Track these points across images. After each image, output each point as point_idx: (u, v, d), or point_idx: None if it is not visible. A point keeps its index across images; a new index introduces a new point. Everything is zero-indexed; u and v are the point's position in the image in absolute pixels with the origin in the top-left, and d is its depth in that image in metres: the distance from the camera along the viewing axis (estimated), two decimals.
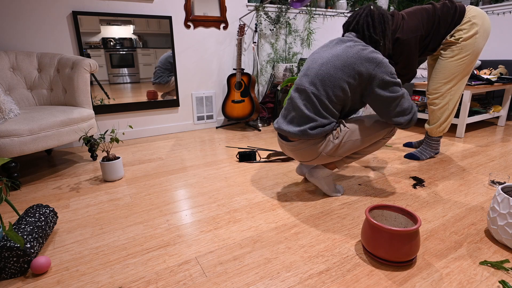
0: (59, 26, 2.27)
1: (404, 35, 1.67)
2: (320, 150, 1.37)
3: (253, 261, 1.04)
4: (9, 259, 0.97)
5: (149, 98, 2.72)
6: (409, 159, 2.03)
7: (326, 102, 1.32)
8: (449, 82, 1.81)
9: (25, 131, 1.60)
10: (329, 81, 1.30)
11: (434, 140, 2.00)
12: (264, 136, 2.72)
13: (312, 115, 1.33)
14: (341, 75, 1.29)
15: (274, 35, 3.19)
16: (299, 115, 1.36)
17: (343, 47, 1.33)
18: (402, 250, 0.96)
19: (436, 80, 1.84)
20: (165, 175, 1.84)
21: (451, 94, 1.83)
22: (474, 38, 1.70)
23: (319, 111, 1.33)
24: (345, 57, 1.29)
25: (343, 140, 1.37)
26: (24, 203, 1.52)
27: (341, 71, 1.29)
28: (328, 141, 1.36)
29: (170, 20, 2.63)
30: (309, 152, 1.38)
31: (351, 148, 1.38)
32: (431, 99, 1.89)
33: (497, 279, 0.94)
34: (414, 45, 1.70)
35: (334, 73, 1.30)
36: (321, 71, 1.32)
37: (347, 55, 1.29)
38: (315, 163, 1.45)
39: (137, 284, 0.95)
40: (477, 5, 3.52)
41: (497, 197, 1.09)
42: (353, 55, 1.28)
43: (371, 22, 1.35)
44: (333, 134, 1.37)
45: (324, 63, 1.33)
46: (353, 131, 1.37)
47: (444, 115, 1.89)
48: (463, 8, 1.70)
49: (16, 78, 2.04)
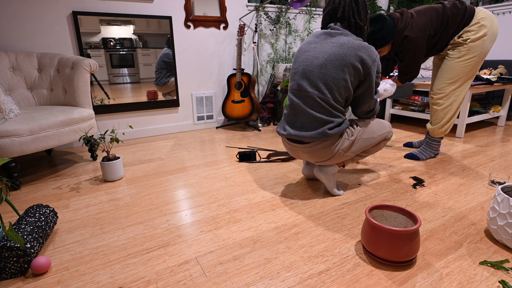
0: (59, 26, 2.27)
1: (412, 33, 1.68)
2: (337, 149, 1.40)
3: (253, 261, 1.04)
4: (9, 259, 0.97)
5: (149, 98, 2.72)
6: (409, 159, 2.03)
7: (334, 103, 1.34)
8: (454, 82, 1.81)
9: (25, 131, 1.60)
10: (333, 83, 1.31)
11: (435, 140, 2.00)
12: (264, 136, 2.72)
13: (326, 117, 1.35)
14: (342, 75, 1.30)
15: (274, 35, 3.19)
16: (311, 120, 1.36)
17: (337, 44, 1.32)
18: (402, 250, 0.96)
19: (442, 80, 1.84)
20: (165, 175, 1.84)
21: (455, 95, 1.83)
22: (482, 40, 1.70)
23: (331, 112, 1.35)
24: (343, 55, 1.29)
25: (357, 138, 1.43)
26: (24, 203, 1.52)
27: (342, 71, 1.30)
28: (344, 139, 1.40)
29: (170, 20, 2.63)
30: (326, 152, 1.40)
31: (362, 146, 1.46)
32: (435, 99, 1.89)
33: (497, 279, 0.94)
34: (422, 43, 1.70)
35: (336, 74, 1.30)
36: (322, 74, 1.32)
37: (345, 52, 1.29)
38: (330, 163, 1.47)
39: (137, 284, 0.95)
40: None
41: (497, 197, 1.09)
42: (350, 52, 1.29)
43: (356, 7, 1.34)
44: (348, 133, 1.41)
45: (323, 65, 1.32)
46: (364, 130, 1.45)
47: (447, 116, 1.88)
48: (472, 9, 1.71)
49: (16, 78, 2.04)
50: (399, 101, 2.99)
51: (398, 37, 1.72)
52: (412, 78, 1.83)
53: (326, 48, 1.33)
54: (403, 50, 1.74)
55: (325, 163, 1.47)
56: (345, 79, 1.30)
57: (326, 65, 1.31)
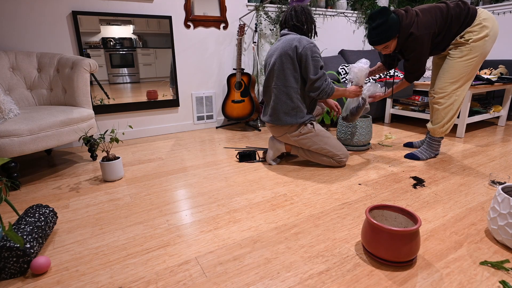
0: (59, 26, 2.26)
1: (418, 31, 1.68)
2: (286, 132, 1.86)
3: (253, 261, 1.04)
4: (9, 259, 0.96)
5: (149, 98, 2.72)
6: (409, 159, 2.03)
7: (290, 91, 1.77)
8: (455, 82, 1.81)
9: (24, 131, 1.60)
10: (281, 73, 1.75)
11: (435, 140, 1.99)
12: (264, 136, 2.72)
13: (286, 105, 1.81)
14: (286, 65, 1.73)
15: (274, 35, 3.19)
16: (274, 106, 1.85)
17: (282, 41, 1.77)
18: (402, 250, 0.96)
19: (443, 79, 1.84)
20: (165, 175, 1.84)
21: (456, 95, 1.83)
22: (484, 40, 1.71)
23: (291, 98, 1.78)
24: (283, 48, 1.73)
25: (307, 136, 1.82)
26: (24, 203, 1.52)
27: (285, 61, 1.73)
28: (296, 128, 1.83)
29: (170, 20, 2.63)
30: (279, 130, 1.88)
31: (307, 144, 1.84)
32: (437, 98, 1.88)
33: (497, 279, 0.94)
34: (427, 41, 1.71)
35: (280, 65, 1.74)
36: (276, 68, 1.77)
37: (284, 46, 1.74)
38: (281, 140, 1.93)
39: (137, 284, 0.95)
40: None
41: (497, 197, 1.09)
42: (286, 44, 1.73)
43: (294, 14, 1.79)
44: (303, 127, 1.82)
45: (274, 62, 1.78)
46: (318, 136, 1.83)
47: (448, 115, 1.88)
48: (475, 10, 1.71)
49: (16, 78, 2.04)
50: (399, 101, 2.99)
51: (403, 34, 1.72)
52: (418, 77, 1.83)
53: (278, 47, 1.77)
54: (408, 48, 1.74)
55: (279, 138, 1.93)
56: (288, 67, 1.73)
57: (275, 62, 1.77)
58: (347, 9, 3.63)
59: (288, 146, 1.95)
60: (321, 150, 1.84)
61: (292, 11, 1.80)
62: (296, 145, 1.89)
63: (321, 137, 1.83)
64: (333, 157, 1.87)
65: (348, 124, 2.18)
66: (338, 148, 1.86)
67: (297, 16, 1.79)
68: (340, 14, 3.55)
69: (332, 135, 1.89)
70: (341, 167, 1.91)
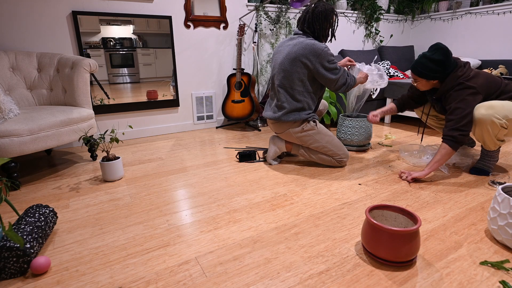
0: (59, 26, 2.26)
1: (471, 83, 1.59)
2: (289, 130, 1.86)
3: (253, 261, 1.04)
4: (9, 259, 0.96)
5: (149, 98, 2.72)
6: (477, 174, 1.78)
7: (293, 92, 1.78)
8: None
9: (24, 131, 1.59)
10: (289, 75, 1.75)
11: (494, 151, 1.78)
12: (264, 136, 2.72)
13: (288, 104, 1.82)
14: (295, 68, 1.73)
15: (274, 35, 3.19)
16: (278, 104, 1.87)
17: (292, 44, 1.76)
18: (402, 250, 0.96)
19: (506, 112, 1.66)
20: (165, 175, 1.84)
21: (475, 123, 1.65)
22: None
23: (293, 97, 1.80)
24: (295, 52, 1.72)
25: (308, 133, 1.83)
26: (24, 203, 1.52)
27: (294, 65, 1.73)
28: (298, 126, 1.83)
29: (170, 20, 2.63)
30: (281, 126, 1.88)
31: (308, 142, 1.84)
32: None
33: (498, 279, 0.94)
34: (473, 98, 1.59)
35: (290, 68, 1.74)
36: (282, 69, 1.77)
37: (296, 50, 1.72)
38: (283, 137, 1.93)
39: (137, 284, 0.95)
40: (477, 5, 3.52)
41: (497, 197, 1.09)
42: (299, 49, 1.71)
43: (311, 17, 1.76)
44: (306, 124, 1.83)
45: (281, 63, 1.78)
46: (320, 134, 1.83)
47: (485, 135, 1.64)
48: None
49: (16, 78, 2.04)
50: None
51: (451, 82, 1.62)
52: (467, 135, 1.60)
53: (292, 50, 1.75)
54: (451, 96, 1.63)
55: (280, 135, 1.93)
56: (297, 71, 1.73)
57: (283, 62, 1.76)
58: (347, 9, 3.63)
59: (288, 145, 1.95)
60: (322, 148, 1.84)
61: (309, 13, 1.76)
62: (298, 142, 1.87)
63: (323, 135, 1.83)
64: (333, 156, 1.87)
65: (348, 124, 2.18)
66: (339, 148, 1.86)
67: (313, 18, 1.75)
68: (340, 14, 3.55)
69: (333, 135, 1.89)
70: (341, 167, 1.91)
